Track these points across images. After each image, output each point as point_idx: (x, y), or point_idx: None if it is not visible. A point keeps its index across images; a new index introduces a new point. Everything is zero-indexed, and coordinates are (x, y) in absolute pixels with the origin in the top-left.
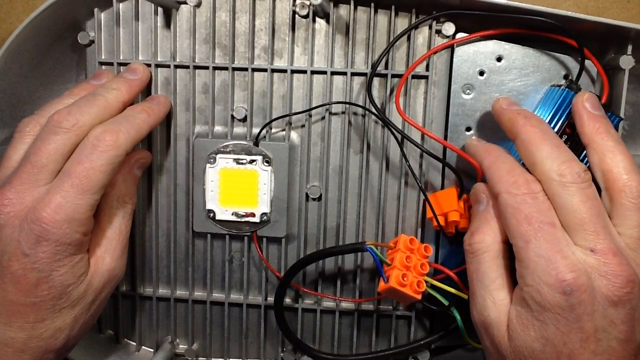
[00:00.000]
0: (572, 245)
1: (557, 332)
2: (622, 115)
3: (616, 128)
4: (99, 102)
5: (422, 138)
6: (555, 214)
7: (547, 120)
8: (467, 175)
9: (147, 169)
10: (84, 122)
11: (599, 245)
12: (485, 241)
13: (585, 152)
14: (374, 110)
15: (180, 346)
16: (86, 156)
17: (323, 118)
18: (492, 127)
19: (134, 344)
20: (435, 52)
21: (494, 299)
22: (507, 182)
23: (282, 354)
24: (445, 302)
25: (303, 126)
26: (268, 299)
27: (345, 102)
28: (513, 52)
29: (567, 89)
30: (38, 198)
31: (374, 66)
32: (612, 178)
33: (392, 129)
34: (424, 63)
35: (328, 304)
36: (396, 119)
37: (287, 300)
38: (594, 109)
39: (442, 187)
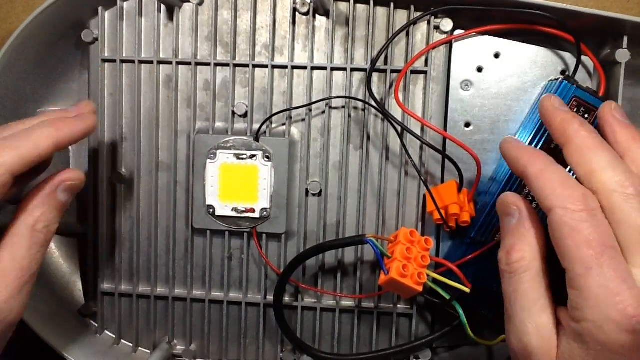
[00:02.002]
0: (633, 270)
1: None
2: None
3: None
4: (12, 126)
5: (422, 131)
6: (615, 236)
7: None
8: (466, 168)
9: (152, 166)
10: None
11: None
12: (525, 259)
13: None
14: (373, 103)
15: (178, 347)
16: None
17: (323, 112)
18: (490, 124)
19: (131, 345)
20: (433, 48)
21: (536, 324)
22: (562, 196)
23: (281, 355)
24: (447, 296)
25: (303, 120)
26: (267, 297)
27: (345, 97)
28: (510, 48)
29: (564, 80)
30: None
31: (374, 61)
32: None
33: (392, 121)
34: (423, 59)
35: (328, 302)
36: (396, 114)
37: (287, 298)
38: (623, 117)
39: (442, 180)
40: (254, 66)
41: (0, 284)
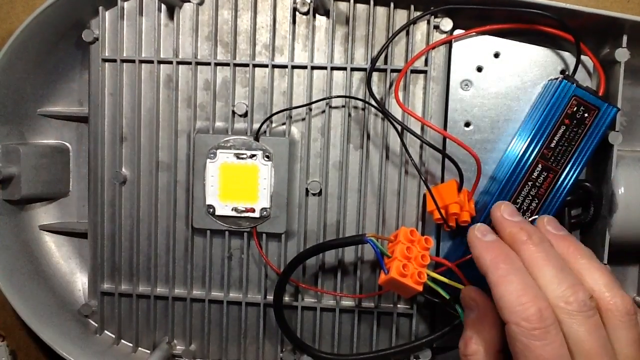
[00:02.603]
0: None
1: None
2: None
3: (614, 119)
4: None
5: (422, 130)
6: (567, 350)
7: (545, 112)
8: (466, 167)
9: (152, 166)
10: None
11: None
12: (479, 353)
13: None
14: (373, 102)
15: (178, 347)
16: None
17: (323, 112)
18: (490, 123)
19: (131, 345)
20: (433, 48)
21: None
22: (516, 312)
23: (281, 355)
24: (447, 296)
25: (303, 119)
26: (267, 297)
27: (345, 96)
28: (510, 48)
29: (564, 80)
30: None
31: (374, 61)
32: (595, 297)
33: (392, 120)
34: (423, 58)
35: (328, 302)
36: (396, 113)
37: (287, 298)
38: (557, 229)
39: (443, 180)
40: (254, 66)
41: None
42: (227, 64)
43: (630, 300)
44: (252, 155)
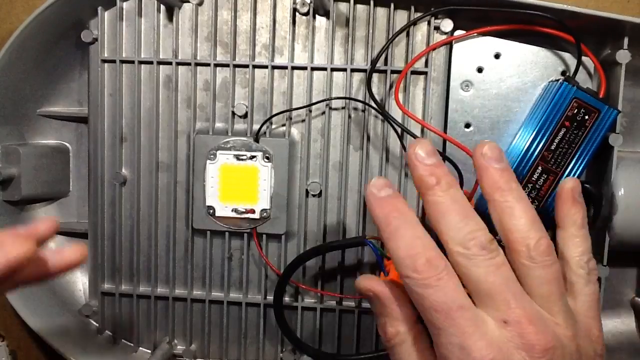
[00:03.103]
0: (485, 320)
1: None
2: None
3: (614, 121)
4: None
5: (422, 132)
6: (464, 292)
7: (545, 114)
8: (466, 169)
9: (152, 166)
10: None
11: (511, 315)
12: (399, 333)
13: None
14: (373, 104)
15: (178, 347)
16: None
17: (323, 113)
18: (490, 125)
19: (131, 344)
20: (434, 49)
21: None
22: (407, 266)
23: (281, 355)
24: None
25: (303, 120)
26: (267, 297)
27: (345, 98)
28: (511, 49)
29: (565, 81)
30: None
31: (374, 62)
32: (510, 238)
33: (392, 122)
34: (423, 59)
35: (328, 302)
36: (396, 115)
37: (287, 298)
38: (495, 161)
39: None
40: (254, 66)
41: None
42: (227, 65)
43: (545, 242)
44: (252, 157)
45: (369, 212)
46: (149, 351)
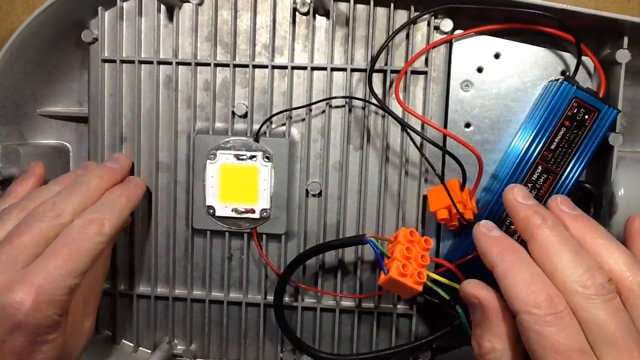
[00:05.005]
0: None
1: None
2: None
3: (614, 121)
4: (81, 190)
5: (423, 130)
6: (584, 336)
7: (545, 113)
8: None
9: (152, 166)
10: (68, 211)
11: None
12: (496, 350)
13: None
14: (374, 100)
15: (179, 347)
16: (73, 240)
17: (323, 112)
18: (490, 124)
19: (131, 344)
20: (434, 47)
21: None
22: (526, 300)
23: (281, 355)
24: (447, 296)
25: (303, 120)
26: (267, 297)
27: (345, 97)
28: (511, 48)
29: (565, 81)
30: (13, 280)
31: (374, 59)
32: (616, 277)
33: (393, 117)
34: (423, 59)
35: (328, 302)
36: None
37: (287, 298)
38: (572, 209)
39: (443, 177)
40: (254, 66)
41: (88, 312)
42: (227, 65)
43: None
44: (252, 156)
45: (479, 252)
46: (149, 351)
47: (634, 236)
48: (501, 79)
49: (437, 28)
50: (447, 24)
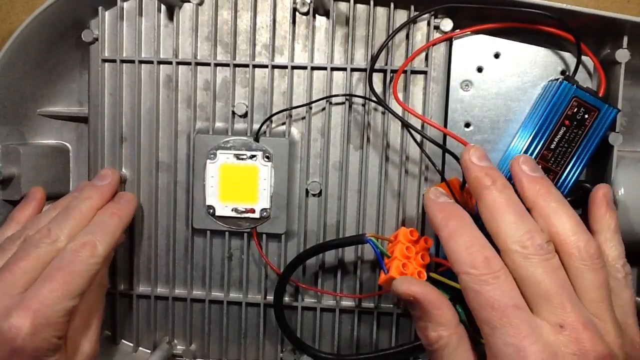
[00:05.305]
0: (539, 323)
1: None
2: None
3: (614, 120)
4: (73, 214)
5: (422, 128)
6: (519, 292)
7: (545, 113)
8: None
9: (152, 166)
10: (64, 235)
11: (568, 320)
12: (442, 337)
13: (576, 155)
14: (374, 98)
15: (178, 347)
16: (67, 263)
17: (323, 109)
18: (490, 124)
19: (131, 344)
20: (433, 44)
21: None
22: (465, 262)
23: (281, 355)
24: (447, 295)
25: (303, 118)
26: (267, 297)
27: (345, 95)
28: (510, 48)
29: (564, 80)
30: (10, 306)
31: (374, 58)
32: (560, 241)
33: (393, 114)
34: (423, 59)
35: (328, 302)
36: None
37: (287, 298)
38: (532, 170)
39: (443, 175)
40: (254, 66)
41: (88, 334)
42: (227, 65)
43: (595, 245)
44: (252, 156)
45: (428, 218)
46: (149, 351)
47: (594, 203)
48: (501, 78)
49: (437, 28)
50: (447, 24)
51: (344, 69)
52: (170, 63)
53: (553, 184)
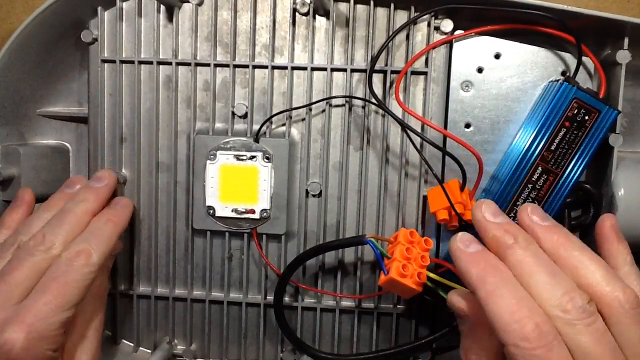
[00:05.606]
0: None
1: None
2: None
3: (614, 122)
4: (68, 218)
5: (422, 130)
6: None
7: (545, 114)
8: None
9: (152, 166)
10: (58, 241)
11: None
12: None
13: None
14: (374, 100)
15: (179, 347)
16: (62, 273)
17: (323, 111)
18: (490, 125)
19: (132, 344)
20: (434, 47)
21: None
22: (514, 333)
23: (281, 355)
24: (446, 297)
25: (303, 119)
26: (267, 297)
27: (345, 96)
28: (511, 49)
29: (565, 82)
30: (6, 318)
31: (374, 59)
32: (594, 293)
33: (393, 117)
34: (423, 60)
35: (328, 302)
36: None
37: (287, 298)
38: (543, 220)
39: (443, 178)
40: (254, 67)
41: (86, 346)
42: (227, 65)
43: (632, 292)
44: (252, 157)
45: (458, 271)
46: (149, 351)
47: (604, 237)
48: (501, 79)
49: (437, 28)
50: (447, 25)
51: (344, 70)
52: (170, 63)
53: (568, 230)
